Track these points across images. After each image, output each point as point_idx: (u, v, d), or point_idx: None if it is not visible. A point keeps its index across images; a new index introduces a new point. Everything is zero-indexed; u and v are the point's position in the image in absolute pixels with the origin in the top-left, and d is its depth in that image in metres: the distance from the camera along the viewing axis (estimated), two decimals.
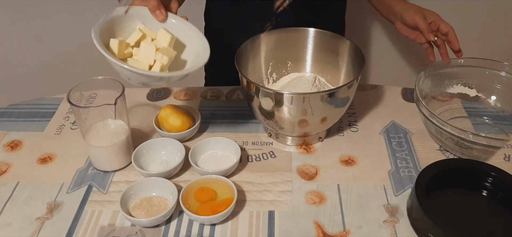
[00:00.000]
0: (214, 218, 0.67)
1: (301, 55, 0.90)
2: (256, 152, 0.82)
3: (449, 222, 0.62)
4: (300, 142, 0.84)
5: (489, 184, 0.71)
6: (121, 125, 0.78)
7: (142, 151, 0.79)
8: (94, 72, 0.80)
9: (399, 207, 0.71)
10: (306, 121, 0.77)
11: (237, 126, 0.89)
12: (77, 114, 0.75)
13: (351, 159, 0.81)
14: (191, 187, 0.71)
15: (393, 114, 0.91)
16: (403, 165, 0.79)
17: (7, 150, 0.85)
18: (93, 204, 0.73)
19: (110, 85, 0.77)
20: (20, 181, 0.77)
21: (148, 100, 0.98)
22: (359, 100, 0.95)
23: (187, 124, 0.84)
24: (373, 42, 1.52)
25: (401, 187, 0.74)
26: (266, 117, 0.79)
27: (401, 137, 0.85)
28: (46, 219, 0.70)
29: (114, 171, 0.79)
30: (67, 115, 0.94)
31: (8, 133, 0.89)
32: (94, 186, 0.76)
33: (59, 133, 0.89)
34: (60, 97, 0.99)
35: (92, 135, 0.76)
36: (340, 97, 0.76)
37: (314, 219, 0.69)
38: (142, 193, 0.72)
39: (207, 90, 1.00)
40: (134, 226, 0.69)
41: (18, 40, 1.56)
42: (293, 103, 0.74)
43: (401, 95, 0.97)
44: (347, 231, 0.67)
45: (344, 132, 0.87)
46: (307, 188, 0.75)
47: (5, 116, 0.94)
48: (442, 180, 0.71)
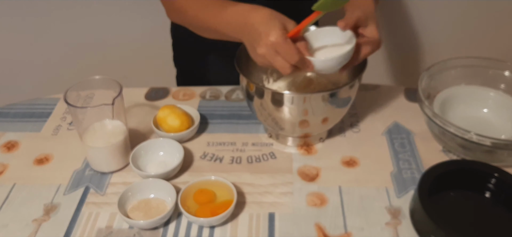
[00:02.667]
0: (213, 220, 0.66)
1: None
2: (256, 153, 0.82)
3: (452, 224, 0.61)
4: (300, 143, 0.83)
5: (492, 185, 0.70)
6: (118, 126, 0.77)
7: (140, 152, 0.78)
8: (91, 72, 0.79)
9: (402, 209, 0.70)
10: (307, 122, 0.76)
11: (236, 126, 0.88)
12: (74, 114, 0.74)
13: (352, 160, 0.80)
14: (190, 188, 0.71)
15: (395, 115, 0.90)
16: (405, 166, 0.78)
17: (3, 151, 0.84)
18: (90, 206, 0.72)
19: (107, 85, 0.76)
20: (17, 183, 0.76)
21: (146, 100, 0.97)
22: (361, 100, 0.94)
23: (185, 125, 0.83)
24: None
25: (403, 189, 0.73)
26: (266, 117, 0.78)
27: (403, 138, 0.84)
28: (43, 221, 0.69)
29: (111, 172, 0.78)
30: (64, 115, 0.93)
31: (4, 134, 0.88)
32: (92, 188, 0.75)
33: (56, 133, 0.88)
34: (57, 97, 0.98)
35: (89, 135, 0.76)
36: (342, 97, 0.75)
37: (315, 221, 0.68)
38: (140, 195, 0.71)
39: (206, 90, 0.99)
40: (132, 229, 0.68)
41: (15, 40, 1.56)
42: (294, 103, 0.73)
43: (404, 95, 0.96)
44: (348, 233, 0.66)
45: (345, 132, 0.86)
46: (308, 189, 0.74)
47: (1, 116, 0.93)
48: (445, 182, 0.70)
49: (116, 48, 1.56)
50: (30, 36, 1.55)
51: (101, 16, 1.49)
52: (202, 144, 0.84)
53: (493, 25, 1.49)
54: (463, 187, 0.70)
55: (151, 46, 1.51)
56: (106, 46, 1.56)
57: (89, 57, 1.58)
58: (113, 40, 1.54)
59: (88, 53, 1.57)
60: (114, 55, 1.56)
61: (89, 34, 1.54)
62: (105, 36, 1.54)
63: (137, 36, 1.52)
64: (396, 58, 1.57)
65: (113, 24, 1.51)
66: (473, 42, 1.51)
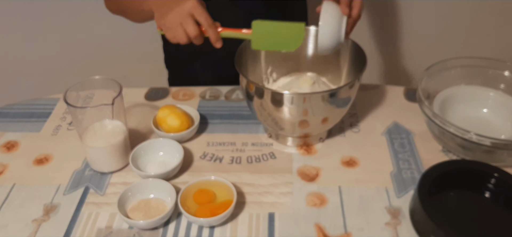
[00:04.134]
0: (213, 220, 0.66)
1: (301, 54, 0.89)
2: (256, 153, 0.81)
3: (452, 224, 0.61)
4: (300, 143, 0.83)
5: (492, 185, 0.70)
6: (118, 126, 0.77)
7: (140, 152, 0.78)
8: (91, 72, 0.79)
9: (402, 209, 0.70)
10: (307, 122, 0.76)
11: (236, 126, 0.88)
12: (74, 114, 0.74)
13: (352, 160, 0.79)
14: (189, 188, 0.70)
15: (395, 115, 0.90)
16: (405, 166, 0.78)
17: (3, 151, 0.84)
18: (90, 206, 0.72)
19: (107, 85, 0.76)
20: (16, 183, 0.76)
21: (146, 100, 0.97)
22: (361, 100, 0.94)
23: (185, 125, 0.83)
24: (375, 42, 1.52)
25: (403, 189, 0.73)
26: (266, 117, 0.78)
27: (403, 138, 0.84)
28: (42, 221, 0.69)
29: (111, 172, 0.78)
30: (63, 115, 0.93)
31: (4, 134, 0.88)
32: (91, 188, 0.75)
33: (56, 133, 0.88)
34: (57, 97, 0.98)
35: (89, 135, 0.75)
36: (342, 97, 0.75)
37: (315, 221, 0.68)
38: (140, 195, 0.71)
39: (206, 90, 0.99)
40: (132, 229, 0.68)
41: (14, 40, 1.56)
42: (294, 103, 0.73)
43: (404, 95, 0.96)
44: (348, 233, 0.66)
45: (345, 132, 0.86)
46: (308, 189, 0.74)
47: (1, 116, 0.93)
48: (445, 182, 0.70)
49: (116, 48, 1.56)
50: (30, 36, 1.54)
51: (101, 16, 1.49)
52: (202, 144, 0.84)
53: (493, 25, 1.49)
54: (463, 187, 0.70)
55: (151, 46, 1.50)
56: (106, 46, 1.56)
57: (89, 57, 1.57)
58: (113, 40, 1.54)
59: (88, 53, 1.57)
60: (114, 55, 1.56)
61: (89, 34, 1.54)
62: (105, 36, 1.54)
63: (137, 36, 1.51)
64: (396, 58, 1.57)
65: (113, 24, 1.50)
66: (473, 42, 1.51)
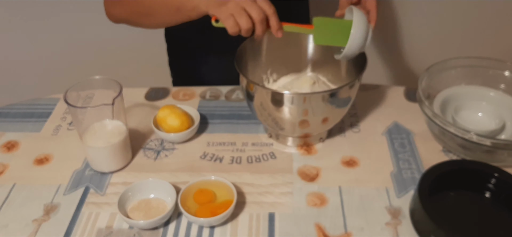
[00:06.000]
0: (213, 220, 0.66)
1: (302, 54, 0.89)
2: (256, 153, 0.81)
3: (452, 224, 0.61)
4: (300, 143, 0.83)
5: (492, 185, 0.70)
6: (118, 126, 0.77)
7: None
8: (91, 72, 0.79)
9: (402, 209, 0.70)
10: (307, 122, 0.76)
11: (236, 126, 0.88)
12: (74, 114, 0.74)
13: (352, 160, 0.79)
14: (190, 188, 0.70)
15: (395, 115, 0.90)
16: (405, 166, 0.78)
17: (3, 151, 0.84)
18: (90, 206, 0.72)
19: (107, 85, 0.76)
20: (17, 183, 0.76)
21: (146, 100, 0.97)
22: (361, 100, 0.94)
23: (185, 125, 0.83)
24: (375, 42, 1.52)
25: (403, 189, 0.73)
26: (266, 117, 0.78)
27: (403, 138, 0.84)
28: (43, 221, 0.69)
29: (111, 172, 0.78)
30: (64, 115, 0.93)
31: (4, 134, 0.88)
32: (92, 188, 0.75)
33: (56, 133, 0.88)
34: (57, 97, 0.98)
35: (89, 135, 0.75)
36: (342, 97, 0.75)
37: (315, 221, 0.68)
38: (140, 195, 0.71)
39: (206, 90, 0.99)
40: (132, 229, 0.68)
41: (14, 40, 1.56)
42: (294, 103, 0.73)
43: (404, 95, 0.96)
44: (348, 233, 0.66)
45: (345, 132, 0.86)
46: (308, 189, 0.74)
47: (1, 116, 0.93)
48: (445, 182, 0.70)
49: (116, 48, 1.56)
50: (30, 36, 1.54)
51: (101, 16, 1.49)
52: (202, 144, 0.84)
53: (493, 25, 1.49)
54: (463, 187, 0.70)
55: (151, 46, 1.50)
56: (106, 46, 1.56)
57: (89, 57, 1.57)
58: (113, 40, 1.54)
59: (88, 53, 1.57)
60: (114, 55, 1.56)
61: (90, 34, 1.54)
62: (105, 36, 1.54)
63: (137, 36, 1.51)
64: (396, 58, 1.57)
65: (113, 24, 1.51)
66: (473, 42, 1.51)
